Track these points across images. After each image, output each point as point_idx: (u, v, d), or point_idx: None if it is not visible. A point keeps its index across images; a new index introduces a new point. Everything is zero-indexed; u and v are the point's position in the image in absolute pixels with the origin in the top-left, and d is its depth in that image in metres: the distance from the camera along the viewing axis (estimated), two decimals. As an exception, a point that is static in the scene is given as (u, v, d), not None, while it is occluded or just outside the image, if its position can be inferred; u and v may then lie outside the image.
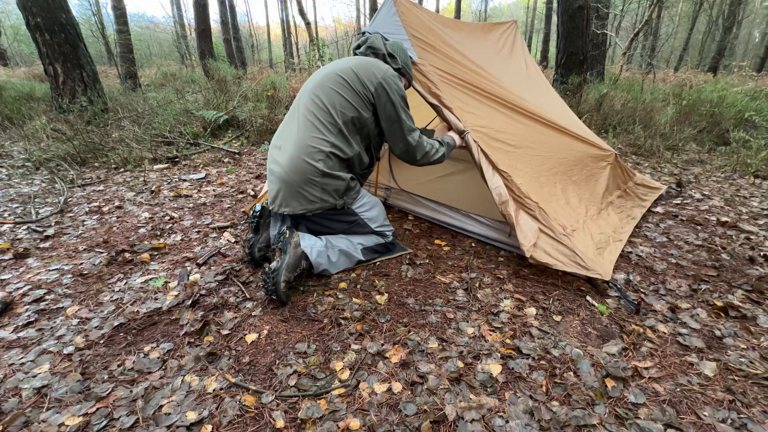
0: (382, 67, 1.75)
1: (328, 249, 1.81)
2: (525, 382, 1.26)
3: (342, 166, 1.73)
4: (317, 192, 1.70)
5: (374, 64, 1.75)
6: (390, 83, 1.71)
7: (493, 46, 2.87)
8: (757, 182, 3.33)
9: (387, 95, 1.70)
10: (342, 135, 1.70)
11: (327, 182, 1.69)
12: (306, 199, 1.71)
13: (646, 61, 10.85)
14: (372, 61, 1.77)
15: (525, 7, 28.79)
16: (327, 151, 1.67)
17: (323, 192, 1.70)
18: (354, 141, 1.74)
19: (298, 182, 1.68)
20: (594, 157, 2.47)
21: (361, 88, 1.69)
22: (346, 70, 1.72)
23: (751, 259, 2.03)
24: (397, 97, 1.72)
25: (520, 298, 1.70)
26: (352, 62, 1.75)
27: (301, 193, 1.70)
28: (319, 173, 1.66)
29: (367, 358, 1.36)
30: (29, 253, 2.08)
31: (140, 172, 3.55)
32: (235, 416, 1.13)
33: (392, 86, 1.71)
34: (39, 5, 4.89)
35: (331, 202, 1.73)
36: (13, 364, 1.32)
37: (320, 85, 1.73)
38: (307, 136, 1.68)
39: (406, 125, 1.76)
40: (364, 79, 1.70)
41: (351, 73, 1.70)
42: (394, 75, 1.75)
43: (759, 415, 1.14)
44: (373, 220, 1.93)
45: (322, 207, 1.73)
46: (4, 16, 17.40)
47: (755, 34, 24.05)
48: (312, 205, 1.72)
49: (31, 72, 10.06)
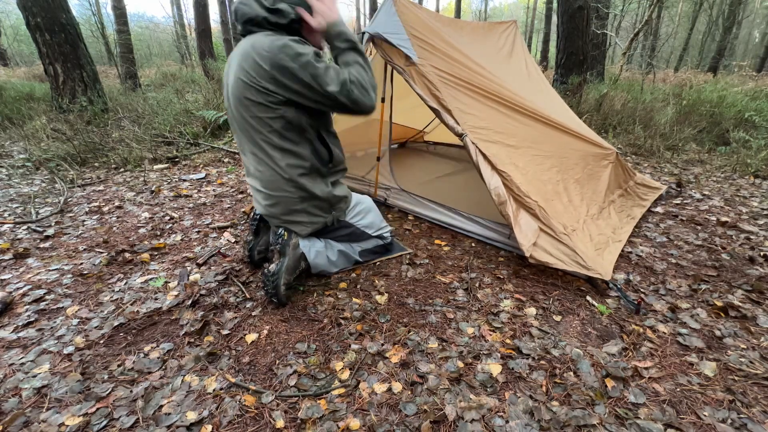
0: (263, 46, 1.38)
1: (327, 249, 1.80)
2: (525, 382, 1.26)
3: (312, 179, 1.60)
4: (304, 217, 1.66)
5: (256, 48, 1.39)
6: (280, 61, 1.35)
7: (493, 46, 2.87)
8: (757, 182, 3.33)
9: (289, 74, 1.37)
10: (286, 150, 1.52)
11: (308, 206, 1.63)
12: (297, 225, 1.67)
13: (646, 61, 10.85)
14: (252, 48, 1.40)
15: (525, 7, 28.79)
16: (288, 176, 1.54)
17: (309, 215, 1.66)
18: (300, 143, 1.54)
19: (283, 215, 1.64)
20: (595, 155, 2.47)
21: (263, 88, 1.41)
22: (240, 73, 1.43)
23: (751, 259, 2.03)
24: (297, 67, 1.36)
25: (520, 298, 1.70)
26: (238, 61, 1.45)
27: (290, 222, 1.67)
28: (297, 200, 1.60)
29: (367, 358, 1.36)
30: (29, 253, 2.08)
31: (140, 172, 3.55)
32: (235, 416, 1.13)
33: (285, 61, 1.35)
34: (39, 5, 4.89)
35: (321, 221, 1.69)
36: (13, 364, 1.32)
37: (235, 101, 1.50)
38: (264, 168, 1.56)
39: (324, 80, 1.38)
40: (257, 77, 1.40)
41: (245, 75, 1.41)
42: (279, 47, 1.36)
43: (759, 415, 1.14)
44: (370, 227, 1.88)
45: (315, 228, 1.70)
46: (4, 16, 17.40)
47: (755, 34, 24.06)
48: (305, 228, 1.68)
49: (31, 72, 10.07)
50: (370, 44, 2.27)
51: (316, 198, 1.62)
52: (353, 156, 3.54)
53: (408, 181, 2.82)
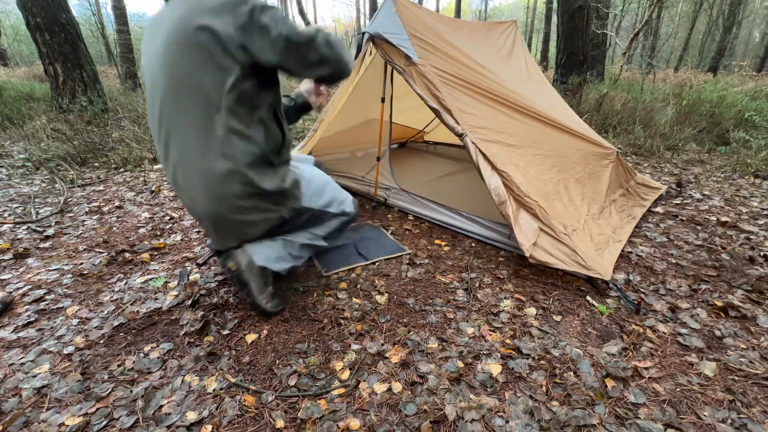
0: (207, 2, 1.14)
1: (287, 247, 1.57)
2: (525, 382, 1.26)
3: (262, 167, 1.31)
4: (255, 215, 1.37)
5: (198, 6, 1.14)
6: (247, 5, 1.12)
7: (493, 46, 2.87)
8: (757, 182, 3.33)
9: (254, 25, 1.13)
10: (236, 130, 1.23)
11: (258, 202, 1.35)
12: (246, 226, 1.40)
13: (646, 61, 10.85)
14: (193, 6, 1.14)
15: (525, 7, 28.78)
16: (234, 167, 1.25)
17: (261, 212, 1.37)
18: (252, 123, 1.26)
19: (225, 216, 1.34)
20: (596, 155, 2.47)
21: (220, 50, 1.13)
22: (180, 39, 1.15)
23: (751, 259, 2.03)
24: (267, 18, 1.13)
25: (520, 298, 1.70)
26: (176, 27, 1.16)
27: (235, 227, 1.38)
28: (245, 196, 1.30)
29: (367, 358, 1.36)
30: (29, 253, 2.08)
31: (140, 172, 3.55)
32: (235, 416, 1.13)
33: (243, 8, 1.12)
34: (39, 5, 4.89)
35: (276, 216, 1.42)
36: (13, 364, 1.32)
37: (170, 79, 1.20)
38: (203, 156, 1.24)
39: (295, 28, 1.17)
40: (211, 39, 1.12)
41: (189, 39, 1.13)
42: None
43: (759, 415, 1.14)
44: (330, 205, 1.59)
45: (269, 225, 1.44)
46: (4, 16, 17.40)
47: (755, 34, 24.06)
48: (256, 229, 1.42)
49: (31, 72, 10.05)
50: (370, 44, 2.27)
51: (266, 193, 1.34)
52: (353, 156, 3.54)
53: (408, 181, 2.83)
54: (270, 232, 1.51)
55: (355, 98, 2.79)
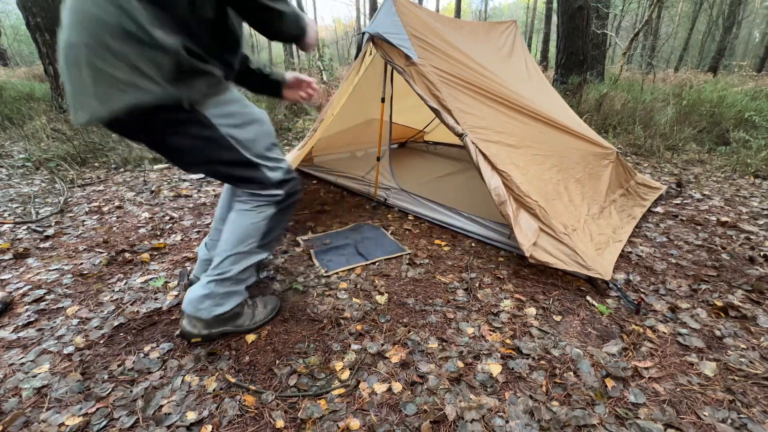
0: None
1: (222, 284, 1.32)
2: (525, 382, 1.26)
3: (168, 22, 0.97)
4: (123, 72, 0.95)
5: None
6: None
7: (493, 46, 2.87)
8: (757, 182, 3.33)
9: None
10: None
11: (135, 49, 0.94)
12: (109, 86, 0.95)
13: (646, 61, 10.85)
14: None
15: (525, 7, 28.78)
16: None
17: (133, 70, 0.95)
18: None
19: (88, 54, 0.94)
20: (596, 155, 2.47)
21: None
22: None
23: (751, 259, 2.03)
24: None
25: (520, 298, 1.70)
26: None
27: (97, 74, 0.95)
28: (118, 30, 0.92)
29: (367, 358, 1.36)
30: (29, 253, 2.08)
31: (140, 172, 3.55)
32: (235, 416, 1.13)
33: None
34: (39, 5, 4.90)
35: (156, 90, 0.97)
36: (13, 364, 1.32)
37: None
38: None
39: None
40: None
41: None
42: None
43: (759, 415, 1.14)
44: (248, 145, 1.17)
45: (141, 100, 0.97)
46: (4, 16, 17.41)
47: (755, 34, 24.06)
48: (122, 96, 0.96)
49: (31, 72, 10.06)
50: (370, 44, 2.27)
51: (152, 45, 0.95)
52: (353, 156, 3.54)
53: (408, 181, 2.83)
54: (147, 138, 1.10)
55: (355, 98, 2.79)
